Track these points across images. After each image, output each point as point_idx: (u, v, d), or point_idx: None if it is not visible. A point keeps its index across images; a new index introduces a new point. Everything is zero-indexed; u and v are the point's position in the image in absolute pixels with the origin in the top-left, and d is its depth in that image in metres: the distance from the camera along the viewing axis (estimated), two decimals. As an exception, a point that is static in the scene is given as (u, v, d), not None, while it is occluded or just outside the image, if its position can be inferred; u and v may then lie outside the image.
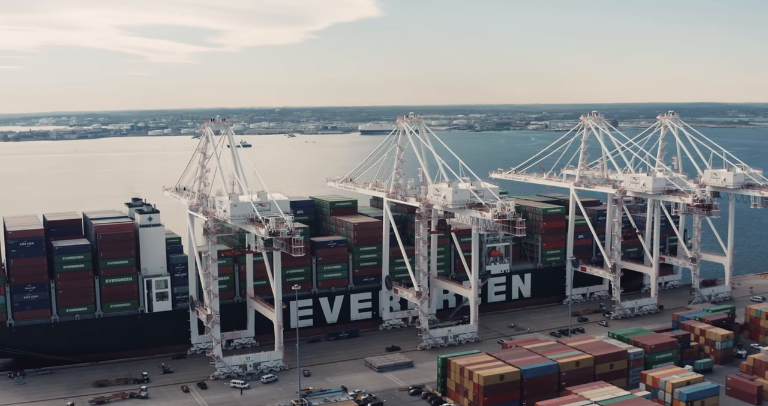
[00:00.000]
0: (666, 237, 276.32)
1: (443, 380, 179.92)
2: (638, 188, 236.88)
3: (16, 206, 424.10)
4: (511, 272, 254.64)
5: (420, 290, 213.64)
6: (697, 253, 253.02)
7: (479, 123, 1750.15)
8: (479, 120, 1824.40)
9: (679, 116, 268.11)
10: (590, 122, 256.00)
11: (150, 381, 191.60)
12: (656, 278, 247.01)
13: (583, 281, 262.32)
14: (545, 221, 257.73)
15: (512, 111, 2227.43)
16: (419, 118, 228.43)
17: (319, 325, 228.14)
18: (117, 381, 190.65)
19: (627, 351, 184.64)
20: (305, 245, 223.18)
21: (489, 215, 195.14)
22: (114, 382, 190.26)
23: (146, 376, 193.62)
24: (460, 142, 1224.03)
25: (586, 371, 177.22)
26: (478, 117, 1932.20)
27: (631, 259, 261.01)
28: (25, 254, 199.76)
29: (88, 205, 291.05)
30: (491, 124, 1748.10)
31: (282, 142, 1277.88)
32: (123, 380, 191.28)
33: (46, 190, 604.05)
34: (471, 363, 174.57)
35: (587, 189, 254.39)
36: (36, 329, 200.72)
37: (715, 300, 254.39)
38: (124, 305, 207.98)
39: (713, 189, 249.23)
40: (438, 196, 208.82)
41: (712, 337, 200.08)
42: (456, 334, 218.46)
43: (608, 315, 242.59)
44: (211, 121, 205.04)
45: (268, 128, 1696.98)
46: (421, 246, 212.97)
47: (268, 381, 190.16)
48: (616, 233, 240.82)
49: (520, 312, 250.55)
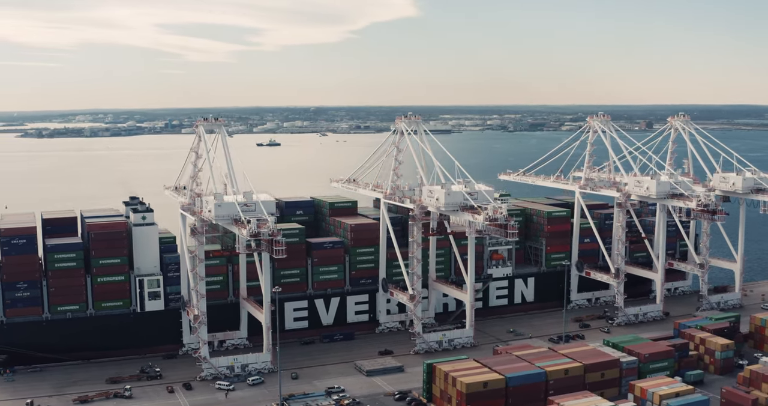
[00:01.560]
0: (677, 242, 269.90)
1: (429, 386, 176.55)
2: (642, 192, 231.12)
3: (24, 203, 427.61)
4: (513, 276, 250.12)
5: (414, 293, 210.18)
6: (705, 258, 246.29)
7: (512, 123, 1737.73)
8: (513, 120, 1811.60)
9: (690, 118, 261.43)
10: (596, 124, 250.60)
11: (163, 377, 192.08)
12: (662, 284, 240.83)
13: (589, 286, 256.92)
14: (549, 224, 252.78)
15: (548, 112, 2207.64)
16: (418, 118, 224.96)
17: (315, 327, 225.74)
18: (130, 378, 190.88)
19: (619, 360, 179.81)
20: (302, 245, 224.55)
21: (480, 217, 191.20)
22: (127, 378, 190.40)
23: (159, 372, 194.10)
24: (491, 143, 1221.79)
25: (575, 379, 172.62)
26: (513, 117, 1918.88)
27: (639, 264, 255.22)
28: (17, 251, 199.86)
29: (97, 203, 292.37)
30: (525, 124, 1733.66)
31: (313, 142, 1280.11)
32: (136, 377, 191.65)
33: (62, 187, 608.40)
34: (456, 369, 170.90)
35: (593, 192, 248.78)
36: (27, 327, 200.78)
37: (724, 307, 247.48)
38: (116, 303, 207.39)
39: (723, 193, 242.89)
40: (431, 198, 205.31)
41: (712, 346, 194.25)
42: (451, 338, 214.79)
43: (611, 321, 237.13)
44: (203, 121, 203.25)
45: (302, 127, 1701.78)
46: (415, 248, 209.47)
47: (254, 383, 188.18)
48: (620, 237, 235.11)
49: (523, 317, 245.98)
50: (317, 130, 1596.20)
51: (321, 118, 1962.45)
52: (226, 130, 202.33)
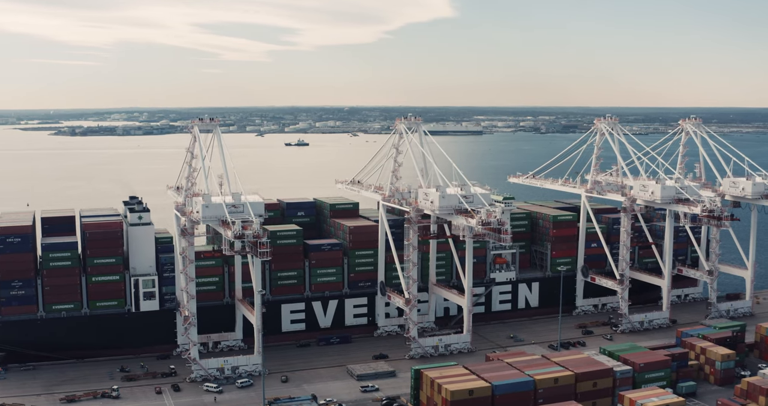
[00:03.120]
0: (688, 248, 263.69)
1: (416, 393, 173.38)
2: (647, 196, 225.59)
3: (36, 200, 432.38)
4: (517, 281, 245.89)
5: (409, 297, 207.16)
6: (714, 265, 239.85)
7: (545, 125, 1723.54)
8: (546, 122, 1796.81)
9: (702, 121, 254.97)
10: (603, 126, 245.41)
11: (177, 374, 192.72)
12: (668, 291, 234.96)
13: (595, 292, 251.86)
14: (555, 228, 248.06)
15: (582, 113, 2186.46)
16: (418, 119, 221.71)
17: (312, 329, 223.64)
18: (145, 376, 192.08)
19: (613, 369, 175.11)
20: (299, 247, 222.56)
21: (474, 221, 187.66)
22: (142, 376, 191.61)
23: (174, 369, 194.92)
24: (520, 145, 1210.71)
25: (565, 389, 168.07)
26: (547, 119, 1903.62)
27: (647, 270, 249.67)
28: (12, 250, 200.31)
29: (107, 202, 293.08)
30: (558, 126, 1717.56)
31: (343, 142, 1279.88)
32: (150, 375, 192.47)
33: (77, 185, 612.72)
34: (443, 376, 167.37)
35: (599, 196, 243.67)
36: (22, 325, 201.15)
37: (734, 315, 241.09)
38: (110, 303, 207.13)
39: (733, 199, 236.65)
40: (426, 201, 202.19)
41: (712, 356, 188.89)
42: (447, 344, 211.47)
43: (615, 329, 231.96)
44: (199, 121, 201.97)
45: (334, 127, 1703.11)
46: (411, 252, 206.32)
47: (243, 386, 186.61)
48: (625, 242, 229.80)
49: (526, 322, 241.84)
50: (349, 131, 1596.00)
51: (354, 119, 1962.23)
52: (259, 129, 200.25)
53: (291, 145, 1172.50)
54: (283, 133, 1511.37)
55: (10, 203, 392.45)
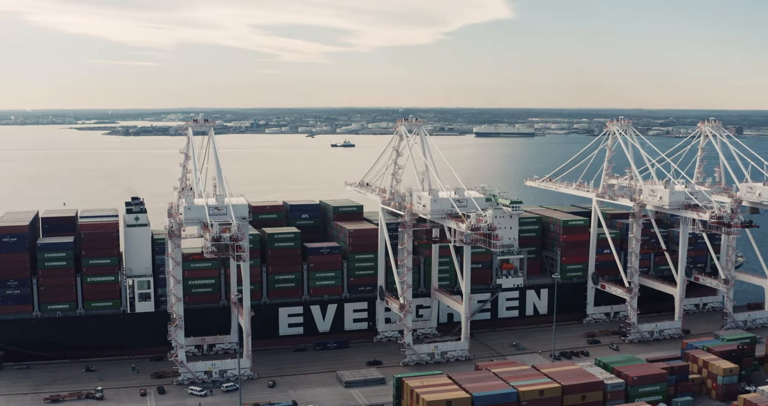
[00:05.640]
0: (707, 255, 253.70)
1: (398, 402, 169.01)
2: (656, 202, 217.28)
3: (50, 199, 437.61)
4: (525, 287, 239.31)
5: (404, 302, 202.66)
6: (729, 273, 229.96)
7: (599, 127, 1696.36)
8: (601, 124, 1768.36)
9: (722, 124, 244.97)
10: (616, 129, 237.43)
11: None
12: (681, 300, 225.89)
13: (608, 300, 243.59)
14: (565, 234, 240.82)
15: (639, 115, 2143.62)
16: (420, 121, 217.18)
17: (310, 334, 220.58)
18: (155, 374, 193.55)
19: (603, 382, 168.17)
20: (297, 250, 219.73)
21: (464, 226, 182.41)
22: (171, 373, 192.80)
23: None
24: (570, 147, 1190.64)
25: (551, 401, 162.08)
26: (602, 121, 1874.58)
27: (662, 278, 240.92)
28: (7, 249, 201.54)
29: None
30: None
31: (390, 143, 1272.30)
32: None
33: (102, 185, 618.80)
34: (423, 385, 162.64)
35: (610, 201, 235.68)
36: (17, 324, 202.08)
37: (752, 326, 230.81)
38: (105, 304, 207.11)
39: (750, 204, 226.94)
40: (419, 205, 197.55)
41: (714, 370, 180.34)
42: (444, 351, 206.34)
43: (623, 338, 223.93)
44: (193, 122, 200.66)
45: (386, 128, 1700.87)
46: (405, 256, 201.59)
47: (229, 390, 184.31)
48: (634, 249, 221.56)
49: (533, 330, 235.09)
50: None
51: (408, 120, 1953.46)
52: (310, 130, 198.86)
53: (336, 146, 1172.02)
54: (334, 134, 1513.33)
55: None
